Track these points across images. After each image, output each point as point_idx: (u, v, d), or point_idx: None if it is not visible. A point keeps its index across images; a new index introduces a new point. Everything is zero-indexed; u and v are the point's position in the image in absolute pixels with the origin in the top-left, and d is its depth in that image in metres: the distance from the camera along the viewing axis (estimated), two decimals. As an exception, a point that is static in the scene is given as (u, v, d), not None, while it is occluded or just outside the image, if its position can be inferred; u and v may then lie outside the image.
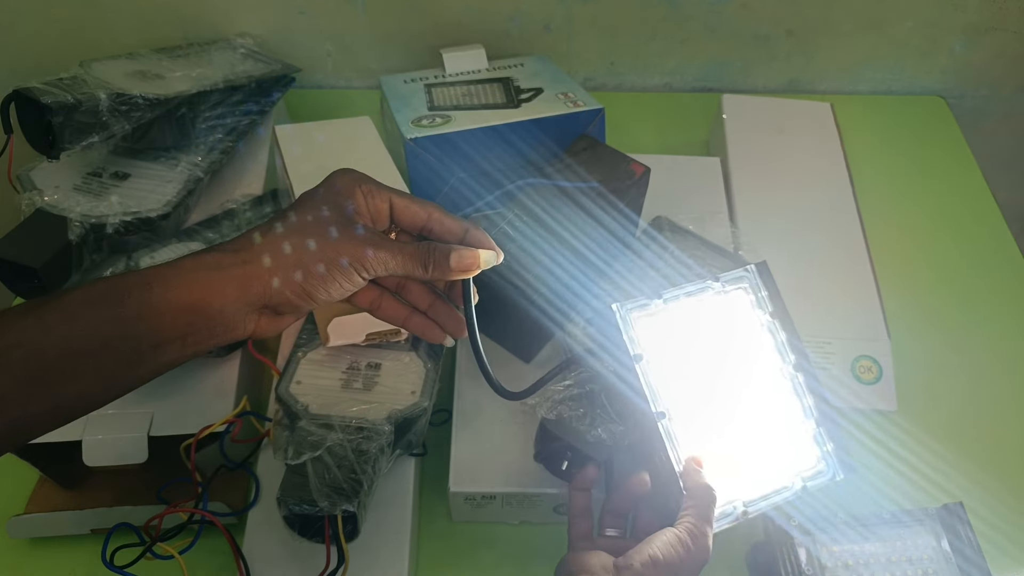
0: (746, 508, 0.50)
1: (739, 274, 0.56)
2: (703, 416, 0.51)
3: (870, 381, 0.67)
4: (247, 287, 0.41)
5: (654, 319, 0.52)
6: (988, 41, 0.95)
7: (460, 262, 0.45)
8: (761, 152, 0.84)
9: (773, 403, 0.53)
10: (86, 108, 0.61)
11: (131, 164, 0.70)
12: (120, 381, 0.41)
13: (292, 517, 0.51)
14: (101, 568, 0.53)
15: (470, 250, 0.46)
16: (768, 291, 0.55)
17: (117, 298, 0.39)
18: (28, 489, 0.62)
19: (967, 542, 0.54)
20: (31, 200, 0.63)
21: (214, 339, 0.42)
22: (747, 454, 0.52)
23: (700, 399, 0.52)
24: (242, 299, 0.41)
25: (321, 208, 0.44)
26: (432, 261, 0.45)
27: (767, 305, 0.55)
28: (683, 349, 0.53)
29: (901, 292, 0.75)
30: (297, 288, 0.42)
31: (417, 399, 0.56)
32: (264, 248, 0.42)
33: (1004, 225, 0.86)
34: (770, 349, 0.54)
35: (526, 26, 0.94)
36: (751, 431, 0.52)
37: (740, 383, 0.53)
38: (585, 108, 0.78)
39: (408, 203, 0.46)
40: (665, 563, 0.45)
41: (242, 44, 0.87)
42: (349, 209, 0.44)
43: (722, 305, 0.55)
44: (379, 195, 0.46)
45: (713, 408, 0.52)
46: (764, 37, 0.96)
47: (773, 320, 0.55)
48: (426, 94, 0.82)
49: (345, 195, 0.45)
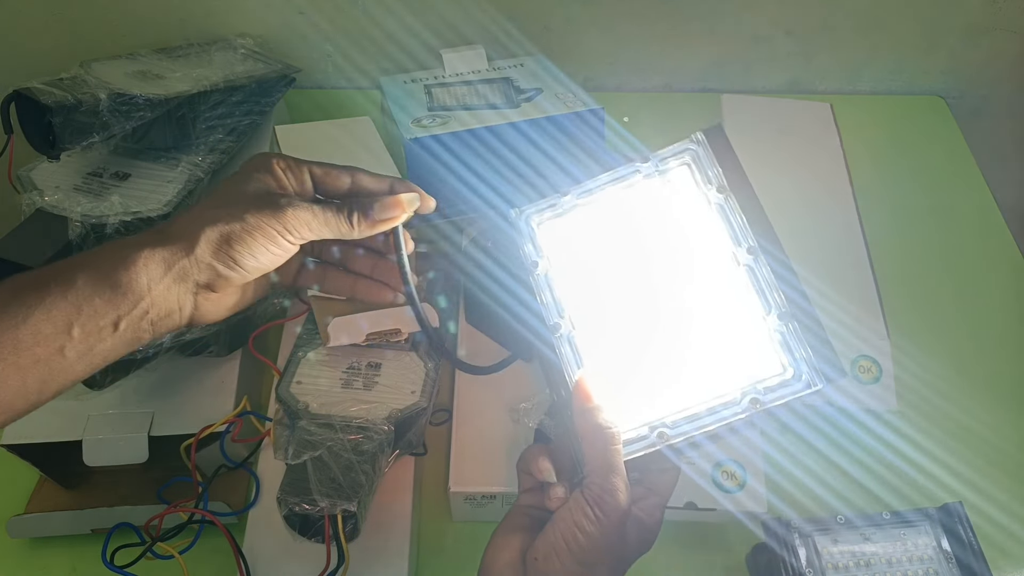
0: (665, 430, 0.40)
1: (680, 147, 0.46)
2: (624, 328, 0.43)
3: (870, 381, 0.67)
4: (172, 262, 0.41)
5: (565, 220, 0.46)
6: (988, 41, 0.95)
7: (383, 209, 0.45)
8: (761, 152, 0.83)
9: (721, 301, 0.43)
10: (86, 108, 0.61)
11: (131, 164, 0.70)
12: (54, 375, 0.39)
13: (292, 517, 0.51)
14: (101, 568, 0.53)
15: (392, 196, 0.46)
16: (723, 164, 0.45)
17: (43, 285, 0.39)
18: (28, 489, 0.62)
19: (967, 542, 0.54)
20: (31, 200, 0.63)
21: (149, 323, 0.41)
22: (680, 368, 0.42)
23: (622, 308, 0.44)
24: (169, 275, 0.41)
25: (240, 184, 0.44)
26: (355, 214, 0.45)
27: (718, 180, 0.45)
28: (603, 250, 0.45)
29: (901, 292, 0.75)
30: (223, 257, 0.42)
31: (417, 399, 0.56)
32: (185, 223, 0.42)
33: (1004, 225, 0.86)
34: (723, 234, 0.44)
35: (526, 26, 0.94)
36: (687, 340, 0.43)
37: (680, 282, 0.44)
38: (585, 108, 0.78)
39: (328, 170, 0.47)
40: (568, 550, 0.39)
41: (242, 44, 0.87)
42: (269, 182, 0.44)
43: (658, 190, 0.46)
44: (298, 167, 0.46)
45: (639, 317, 0.43)
46: (764, 37, 0.96)
47: (726, 197, 0.44)
48: (426, 94, 0.82)
49: (263, 170, 0.45)
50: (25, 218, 0.62)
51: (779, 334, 0.41)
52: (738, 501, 0.58)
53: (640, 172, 0.46)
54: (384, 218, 0.45)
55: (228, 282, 0.43)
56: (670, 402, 0.42)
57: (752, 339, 0.42)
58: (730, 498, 0.58)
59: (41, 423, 0.59)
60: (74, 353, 0.39)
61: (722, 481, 0.59)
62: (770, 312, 0.42)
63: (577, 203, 0.46)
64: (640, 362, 0.43)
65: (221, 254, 0.42)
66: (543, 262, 0.45)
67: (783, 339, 0.41)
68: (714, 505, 0.58)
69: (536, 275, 0.45)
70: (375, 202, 0.45)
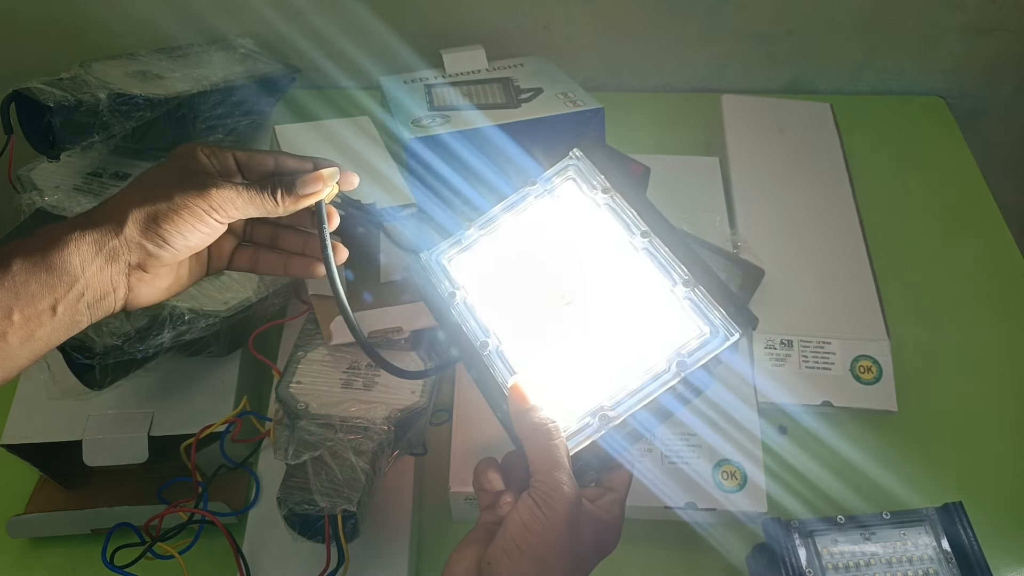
0: (607, 412, 0.42)
1: (562, 165, 0.50)
2: (550, 334, 0.46)
3: (870, 381, 0.67)
4: (103, 243, 0.41)
5: (473, 252, 0.49)
6: (988, 41, 0.95)
7: (304, 184, 0.46)
8: (761, 152, 0.84)
9: (631, 286, 0.47)
10: (86, 108, 0.61)
11: (131, 164, 0.70)
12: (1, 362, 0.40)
13: (292, 517, 0.51)
14: (101, 568, 0.53)
15: (314, 172, 0.47)
16: (604, 172, 0.49)
17: None
18: (28, 489, 0.62)
19: (967, 542, 0.54)
20: (31, 200, 0.63)
21: (86, 305, 0.42)
22: (609, 358, 0.45)
23: (544, 317, 0.46)
24: (100, 255, 0.41)
25: (166, 168, 0.45)
26: (279, 190, 0.46)
27: (602, 184, 0.49)
28: (515, 269, 0.48)
29: (901, 292, 0.75)
30: (151, 236, 0.42)
31: (417, 399, 0.56)
32: (113, 205, 0.43)
33: (1004, 225, 0.86)
34: (617, 228, 0.48)
35: (526, 26, 0.94)
36: (610, 330, 0.46)
37: (591, 279, 0.47)
38: (585, 108, 0.78)
39: (252, 153, 0.48)
40: (519, 549, 0.39)
41: (242, 44, 0.87)
42: (194, 165, 0.46)
43: (550, 206, 0.50)
44: (222, 152, 0.47)
45: (561, 321, 0.46)
46: (764, 37, 0.96)
47: (612, 196, 0.49)
48: (426, 94, 0.82)
49: (188, 156, 0.46)
50: (25, 218, 0.62)
51: (688, 301, 0.45)
52: (738, 501, 0.58)
53: (531, 195, 0.50)
54: (306, 193, 0.46)
55: (159, 261, 0.44)
56: (606, 389, 0.44)
57: (668, 312, 0.45)
58: (730, 498, 0.58)
59: (41, 423, 0.59)
60: (16, 339, 0.40)
61: (722, 481, 0.59)
62: (675, 284, 0.46)
63: (480, 234, 0.50)
64: (570, 361, 0.45)
65: (150, 233, 0.42)
66: (459, 292, 0.48)
67: (693, 304, 0.45)
68: (714, 505, 0.58)
69: (456, 304, 0.47)
70: (297, 178, 0.46)
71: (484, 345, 0.45)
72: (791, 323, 0.69)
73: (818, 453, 0.65)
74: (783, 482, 0.61)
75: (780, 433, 0.67)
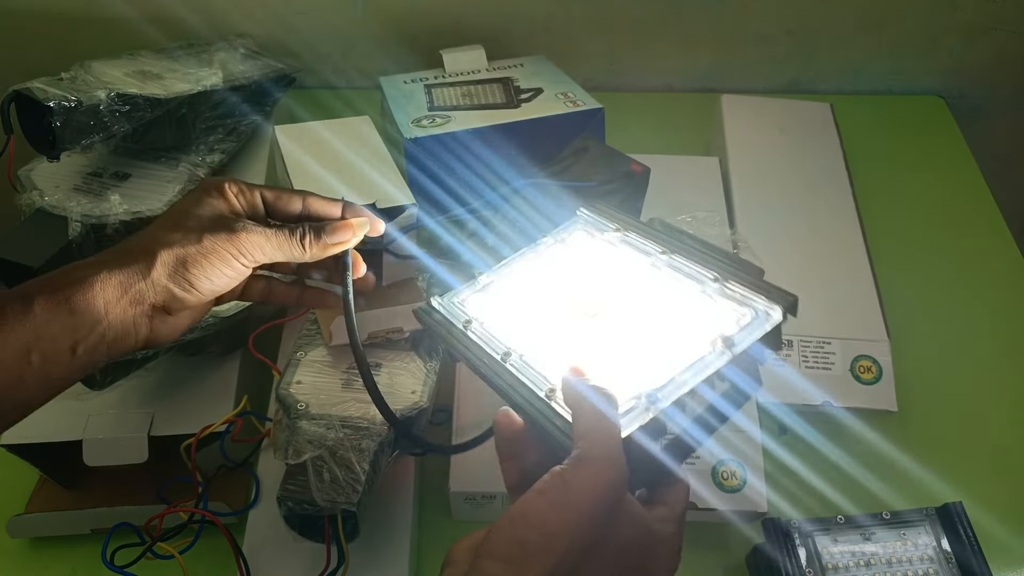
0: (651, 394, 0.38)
1: (571, 223, 0.52)
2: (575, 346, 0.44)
3: (870, 381, 0.67)
4: (129, 285, 0.41)
5: (487, 293, 0.49)
6: (988, 41, 0.95)
7: (333, 233, 0.46)
8: (761, 152, 0.84)
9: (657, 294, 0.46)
10: (86, 108, 0.61)
11: (131, 164, 0.70)
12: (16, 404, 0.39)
13: (292, 517, 0.51)
14: (101, 568, 0.53)
15: (343, 221, 0.47)
16: (615, 221, 0.50)
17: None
18: (28, 489, 0.62)
19: (967, 542, 0.54)
20: (31, 200, 0.63)
21: (106, 346, 0.41)
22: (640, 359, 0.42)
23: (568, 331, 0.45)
24: (126, 297, 0.41)
25: (194, 207, 0.45)
26: (308, 237, 0.46)
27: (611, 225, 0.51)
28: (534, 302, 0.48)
29: (900, 292, 0.75)
30: (179, 280, 0.42)
31: (417, 399, 0.56)
32: (141, 245, 0.43)
33: (1004, 225, 0.86)
34: (635, 256, 0.49)
35: (526, 26, 0.94)
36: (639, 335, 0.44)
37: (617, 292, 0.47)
38: (585, 108, 0.78)
39: (279, 193, 0.48)
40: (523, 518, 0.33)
41: (242, 44, 0.87)
42: (222, 206, 0.45)
43: (564, 252, 0.52)
44: (250, 191, 0.47)
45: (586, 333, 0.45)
46: (764, 37, 0.96)
47: (624, 232, 0.50)
48: (426, 94, 0.82)
49: (216, 193, 0.46)
50: (25, 218, 0.62)
51: (722, 297, 0.45)
52: (738, 501, 0.58)
53: (543, 244, 0.52)
54: (335, 242, 0.47)
55: (183, 304, 0.43)
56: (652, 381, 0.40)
57: (703, 309, 0.44)
58: (730, 498, 0.58)
59: (41, 423, 0.59)
60: (33, 380, 0.39)
61: (722, 481, 0.59)
62: (704, 284, 0.45)
63: (493, 279, 0.50)
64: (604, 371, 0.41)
65: (177, 276, 0.42)
66: (475, 323, 0.46)
67: (727, 295, 0.44)
68: (714, 505, 0.58)
69: (472, 330, 0.46)
70: (326, 225, 0.46)
71: (508, 355, 0.42)
72: (791, 323, 0.69)
73: (818, 453, 0.65)
74: (783, 482, 0.61)
75: (780, 433, 0.67)
